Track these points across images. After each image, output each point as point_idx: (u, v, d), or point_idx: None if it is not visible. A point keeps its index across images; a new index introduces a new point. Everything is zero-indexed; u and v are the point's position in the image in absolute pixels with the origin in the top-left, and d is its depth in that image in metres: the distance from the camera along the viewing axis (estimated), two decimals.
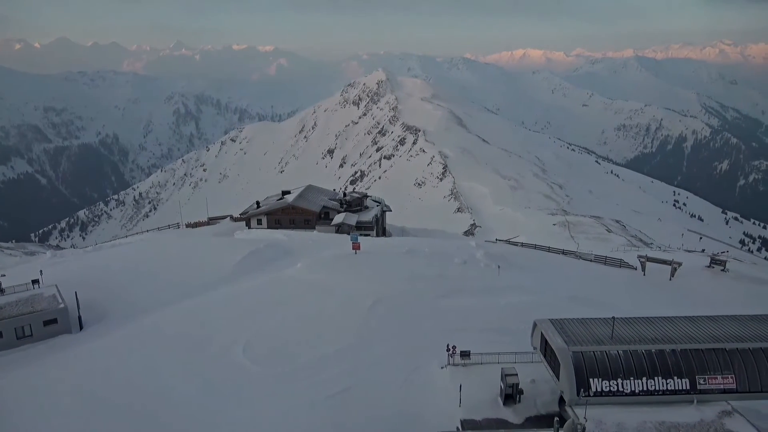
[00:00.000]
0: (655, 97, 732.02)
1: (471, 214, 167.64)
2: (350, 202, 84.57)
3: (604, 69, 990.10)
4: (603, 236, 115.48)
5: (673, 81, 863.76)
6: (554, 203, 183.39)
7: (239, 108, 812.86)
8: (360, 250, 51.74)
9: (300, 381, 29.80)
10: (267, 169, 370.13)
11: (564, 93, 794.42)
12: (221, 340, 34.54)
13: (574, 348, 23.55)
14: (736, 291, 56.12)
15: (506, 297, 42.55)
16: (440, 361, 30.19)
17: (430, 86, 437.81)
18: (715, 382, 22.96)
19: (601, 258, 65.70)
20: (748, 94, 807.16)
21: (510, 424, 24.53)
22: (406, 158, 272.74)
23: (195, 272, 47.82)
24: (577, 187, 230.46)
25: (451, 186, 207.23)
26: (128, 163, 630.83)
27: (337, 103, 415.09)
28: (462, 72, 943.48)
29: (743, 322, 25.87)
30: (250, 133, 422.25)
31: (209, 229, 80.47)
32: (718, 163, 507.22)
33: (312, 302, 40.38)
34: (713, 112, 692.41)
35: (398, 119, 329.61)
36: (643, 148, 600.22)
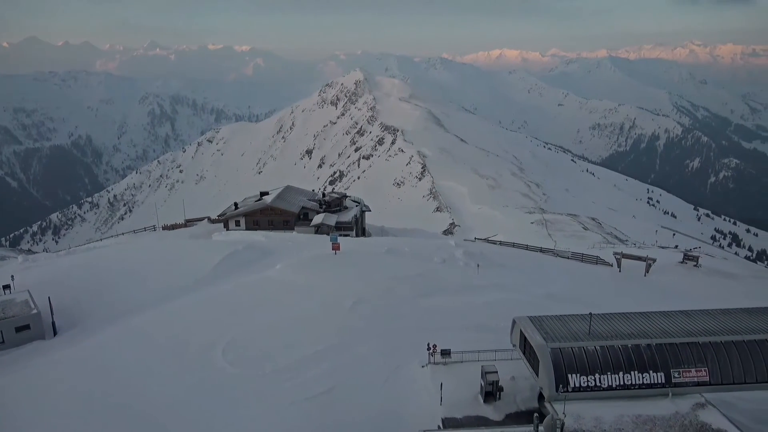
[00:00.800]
0: (628, 97, 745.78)
1: (450, 213, 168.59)
2: (329, 203, 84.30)
3: (578, 69, 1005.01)
4: (579, 234, 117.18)
5: (645, 81, 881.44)
6: (532, 202, 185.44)
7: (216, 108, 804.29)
8: (340, 250, 51.62)
9: (280, 383, 29.61)
10: (245, 170, 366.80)
11: (540, 93, 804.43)
12: (199, 343, 34.13)
13: (552, 344, 23.85)
14: (709, 286, 57.49)
15: (485, 295, 42.89)
16: (421, 360, 30.29)
17: (408, 86, 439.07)
18: (689, 376, 23.47)
19: (578, 255, 66.68)
20: (718, 94, 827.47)
21: (490, 421, 24.73)
22: (385, 158, 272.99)
23: (172, 275, 47.16)
24: (554, 186, 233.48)
25: (430, 185, 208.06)
26: (102, 165, 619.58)
27: (315, 103, 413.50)
28: (439, 72, 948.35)
29: (715, 316, 26.50)
30: (227, 133, 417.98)
31: (186, 231, 79.44)
32: (689, 161, 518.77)
33: (292, 303, 40.16)
34: (684, 111, 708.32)
35: (376, 119, 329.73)
36: (617, 146, 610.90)
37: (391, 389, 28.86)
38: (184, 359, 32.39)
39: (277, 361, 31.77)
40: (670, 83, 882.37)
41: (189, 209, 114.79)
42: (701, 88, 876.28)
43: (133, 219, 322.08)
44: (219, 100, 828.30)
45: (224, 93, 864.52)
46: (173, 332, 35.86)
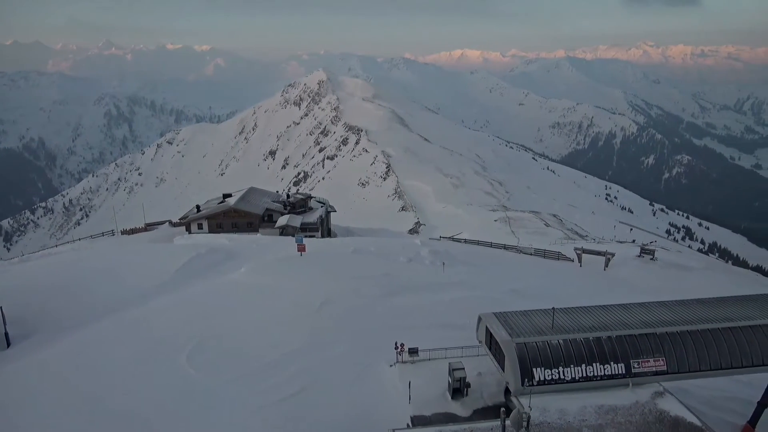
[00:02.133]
0: (586, 96, 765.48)
1: (415, 212, 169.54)
2: (294, 204, 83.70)
3: (538, 69, 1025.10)
4: (541, 230, 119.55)
5: (602, 80, 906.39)
6: (495, 200, 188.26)
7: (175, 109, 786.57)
8: (305, 251, 51.31)
9: (248, 387, 29.22)
10: (207, 171, 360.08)
11: (501, 92, 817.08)
12: (163, 350, 33.34)
13: (517, 339, 24.27)
14: (664, 278, 59.62)
15: (451, 293, 43.35)
16: (389, 359, 30.40)
17: (372, 86, 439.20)
18: (647, 365, 24.25)
19: (541, 251, 68.13)
20: (669, 93, 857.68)
21: (458, 417, 25.01)
22: (349, 158, 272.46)
23: (133, 281, 45.91)
24: (516, 184, 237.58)
25: (395, 185, 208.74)
26: (56, 169, 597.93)
27: (278, 103, 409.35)
28: (402, 72, 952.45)
29: (671, 307, 27.46)
30: (188, 134, 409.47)
31: (147, 236, 77.44)
32: (644, 158, 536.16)
33: (258, 306, 39.68)
34: (639, 109, 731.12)
35: (340, 119, 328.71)
36: (576, 144, 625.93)
37: (360, 389, 28.86)
38: (146, 367, 31.59)
39: (245, 365, 31.35)
40: (625, 83, 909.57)
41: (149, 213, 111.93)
42: (654, 87, 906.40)
43: (90, 224, 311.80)
44: (179, 101, 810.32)
45: (184, 93, 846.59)
46: (135, 340, 34.93)
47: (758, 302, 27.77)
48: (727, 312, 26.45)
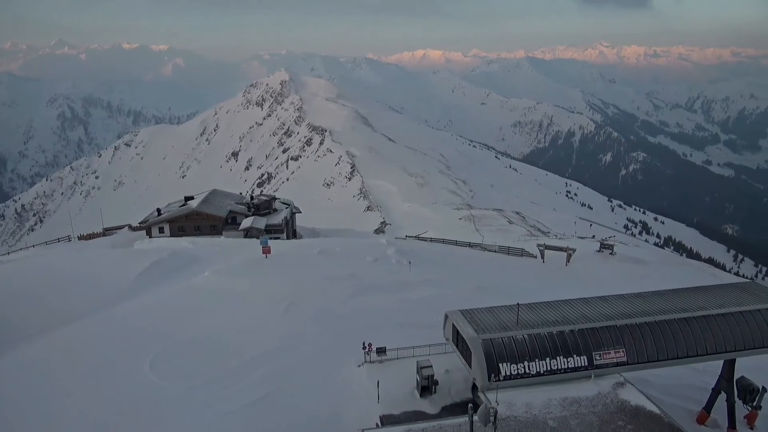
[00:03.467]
0: (545, 95, 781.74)
1: (380, 212, 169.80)
2: (258, 206, 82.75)
3: (499, 69, 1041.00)
4: (505, 227, 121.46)
5: (560, 80, 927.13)
6: (459, 198, 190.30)
7: (133, 110, 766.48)
8: (270, 253, 50.81)
9: (214, 393, 28.72)
10: (167, 174, 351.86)
11: (463, 92, 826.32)
12: (125, 358, 32.42)
13: (483, 336, 24.58)
14: (623, 272, 61.48)
15: (418, 292, 43.62)
16: (357, 359, 30.35)
17: (335, 86, 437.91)
18: (608, 357, 24.93)
19: (505, 248, 69.24)
20: (625, 92, 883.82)
21: (427, 414, 25.17)
22: (314, 159, 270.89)
23: (91, 288, 44.46)
24: (480, 182, 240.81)
25: (360, 185, 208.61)
26: (7, 173, 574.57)
27: (240, 104, 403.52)
28: (365, 72, 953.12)
29: (630, 300, 28.28)
30: (147, 136, 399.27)
31: (105, 241, 75.15)
32: (602, 155, 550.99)
33: (223, 310, 39.04)
34: (596, 108, 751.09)
35: (304, 120, 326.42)
36: (537, 143, 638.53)
37: (328, 391, 28.74)
38: (107, 376, 30.66)
39: (211, 371, 30.79)
40: (583, 82, 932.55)
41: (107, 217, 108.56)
42: (610, 86, 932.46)
43: (44, 230, 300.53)
44: (136, 102, 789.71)
45: (142, 94, 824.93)
46: (94, 349, 33.86)
47: (711, 293, 28.90)
48: (683, 303, 27.42)
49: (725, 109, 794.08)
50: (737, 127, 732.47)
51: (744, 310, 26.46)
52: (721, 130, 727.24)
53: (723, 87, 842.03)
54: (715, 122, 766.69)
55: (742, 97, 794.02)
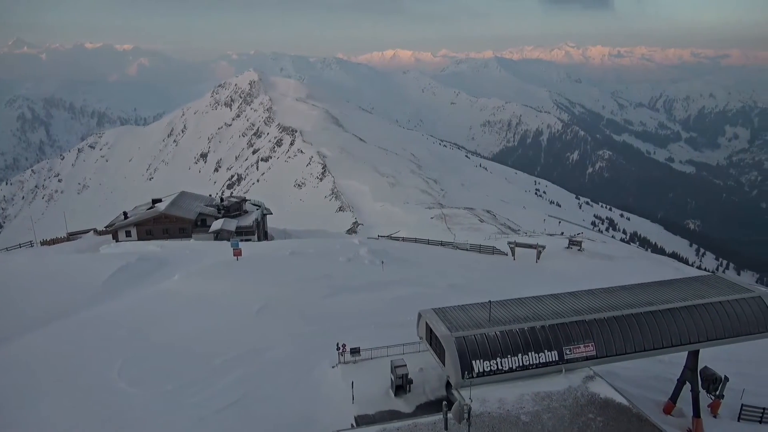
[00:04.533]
0: (513, 95, 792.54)
1: (353, 212, 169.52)
2: (228, 207, 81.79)
3: (468, 69, 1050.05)
4: (476, 226, 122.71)
5: (528, 79, 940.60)
6: (431, 197, 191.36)
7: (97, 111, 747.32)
8: (242, 256, 50.25)
9: (186, 398, 28.25)
10: (134, 176, 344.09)
11: (433, 92, 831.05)
12: (93, 365, 31.62)
13: (456, 334, 24.81)
14: (591, 267, 62.84)
15: (391, 291, 43.74)
16: (331, 360, 30.27)
17: (305, 86, 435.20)
18: (578, 351, 25.45)
19: (476, 246, 69.97)
20: (590, 91, 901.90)
21: (402, 413, 25.27)
22: (284, 159, 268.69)
23: (56, 295, 43.20)
24: (451, 181, 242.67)
25: (332, 185, 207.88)
26: None
27: (208, 104, 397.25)
28: (335, 72, 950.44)
29: (598, 295, 28.93)
30: (112, 138, 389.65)
31: (70, 246, 73.09)
32: (570, 154, 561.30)
33: (193, 314, 38.45)
34: (563, 107, 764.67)
35: (274, 120, 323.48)
36: (506, 142, 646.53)
37: (302, 393, 28.59)
38: (74, 384, 29.85)
39: (182, 376, 30.28)
40: (550, 82, 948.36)
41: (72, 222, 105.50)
42: (576, 86, 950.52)
43: (5, 235, 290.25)
44: (100, 103, 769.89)
45: (106, 95, 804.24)
46: (60, 356, 32.92)
47: (675, 286, 29.78)
48: (649, 297, 28.18)
49: (686, 108, 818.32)
50: (697, 126, 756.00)
51: (706, 303, 27.36)
52: (682, 129, 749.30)
53: (684, 86, 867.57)
54: (677, 121, 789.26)
55: (701, 96, 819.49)
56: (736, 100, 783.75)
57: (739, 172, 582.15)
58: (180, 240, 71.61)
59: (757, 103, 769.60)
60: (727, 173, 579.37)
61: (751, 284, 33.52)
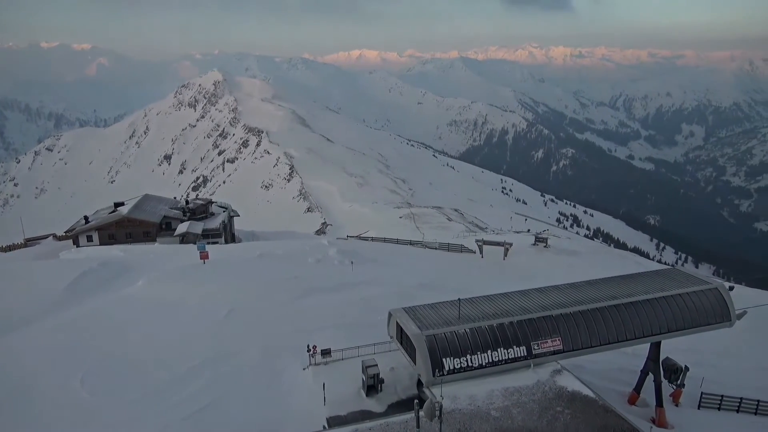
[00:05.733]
0: (479, 95, 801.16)
1: (321, 212, 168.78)
2: (194, 210, 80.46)
3: (434, 69, 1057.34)
4: (444, 225, 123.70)
5: (493, 79, 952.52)
6: (399, 197, 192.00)
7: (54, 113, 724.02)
8: (208, 259, 49.42)
9: (151, 406, 27.59)
10: (94, 179, 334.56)
11: (400, 92, 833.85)
12: (54, 376, 30.54)
13: (427, 332, 24.96)
14: (557, 263, 64.09)
15: (361, 291, 43.69)
16: (302, 362, 30.07)
17: (271, 86, 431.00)
18: (546, 346, 25.93)
19: (445, 245, 70.55)
20: (553, 91, 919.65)
21: (374, 413, 25.28)
22: (251, 161, 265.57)
23: (14, 303, 41.55)
24: (419, 181, 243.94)
25: (299, 186, 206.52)
26: None
27: (171, 105, 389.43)
28: (301, 72, 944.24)
29: (564, 290, 29.53)
30: (71, 140, 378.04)
31: (28, 252, 70.63)
32: (534, 152, 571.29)
33: (159, 320, 37.59)
34: (528, 107, 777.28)
35: (239, 121, 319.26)
36: (473, 141, 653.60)
37: (273, 396, 28.30)
38: (34, 396, 28.78)
39: (147, 383, 29.57)
40: (514, 82, 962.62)
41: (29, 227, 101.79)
42: (540, 86, 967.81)
43: None
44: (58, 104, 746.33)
45: (64, 96, 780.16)
46: (20, 367, 31.69)
47: (638, 280, 30.65)
48: (612, 291, 28.92)
49: (644, 106, 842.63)
50: (656, 124, 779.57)
51: (667, 296, 28.24)
52: (641, 127, 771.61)
53: (642, 86, 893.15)
54: (636, 119, 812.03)
55: (659, 95, 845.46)
56: (691, 99, 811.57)
57: (695, 169, 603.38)
58: (144, 244, 70.08)
59: (711, 101, 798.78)
60: (684, 170, 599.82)
61: (709, 276, 34.78)
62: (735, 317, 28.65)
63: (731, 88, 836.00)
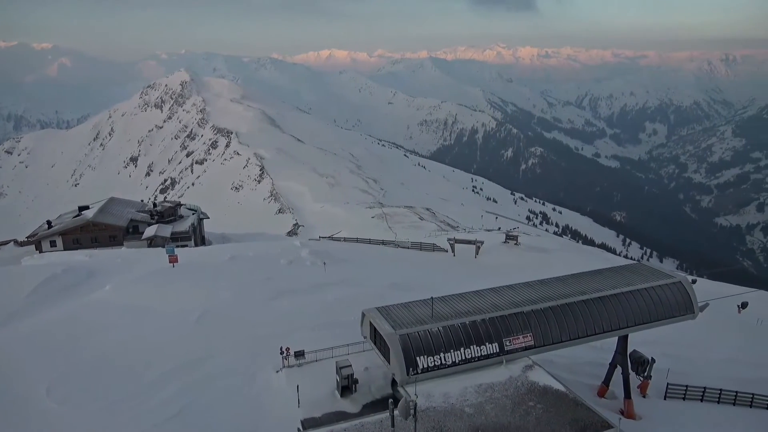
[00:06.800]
0: (448, 94, 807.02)
1: (293, 213, 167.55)
2: (162, 213, 79.02)
3: (404, 69, 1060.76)
4: (416, 224, 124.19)
5: (462, 79, 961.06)
6: (371, 197, 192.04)
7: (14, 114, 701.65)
8: (178, 262, 48.59)
9: (122, 414, 26.99)
10: (57, 183, 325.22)
11: (370, 92, 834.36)
12: (18, 385, 29.57)
13: (400, 331, 25.07)
14: (528, 260, 65.08)
15: (334, 292, 43.57)
16: (275, 365, 29.84)
17: (239, 87, 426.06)
18: (517, 342, 26.34)
19: (417, 244, 70.88)
20: (521, 91, 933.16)
21: (349, 414, 25.28)
22: (220, 162, 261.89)
23: None
24: (390, 180, 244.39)
25: (270, 187, 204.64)
26: None
27: (137, 106, 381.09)
28: (270, 72, 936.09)
29: (534, 287, 30.05)
30: (31, 142, 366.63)
31: None
32: (504, 151, 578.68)
33: (128, 326, 36.77)
34: (497, 106, 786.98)
35: (208, 122, 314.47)
36: (443, 140, 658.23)
37: (246, 400, 28.02)
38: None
39: (118, 391, 28.91)
40: (483, 81, 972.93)
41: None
42: (508, 86, 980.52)
43: None
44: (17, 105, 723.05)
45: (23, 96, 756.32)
46: None
47: (605, 275, 31.38)
48: (581, 286, 29.55)
49: (609, 105, 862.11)
50: (620, 122, 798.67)
51: (633, 290, 29.00)
52: (607, 125, 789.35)
53: (607, 85, 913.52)
54: (602, 118, 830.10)
55: (623, 94, 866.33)
56: (654, 98, 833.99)
57: (658, 166, 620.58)
58: (111, 249, 68.57)
59: (673, 100, 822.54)
60: (648, 167, 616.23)
61: (673, 270, 35.86)
62: (698, 309, 29.61)
63: (691, 88, 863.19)
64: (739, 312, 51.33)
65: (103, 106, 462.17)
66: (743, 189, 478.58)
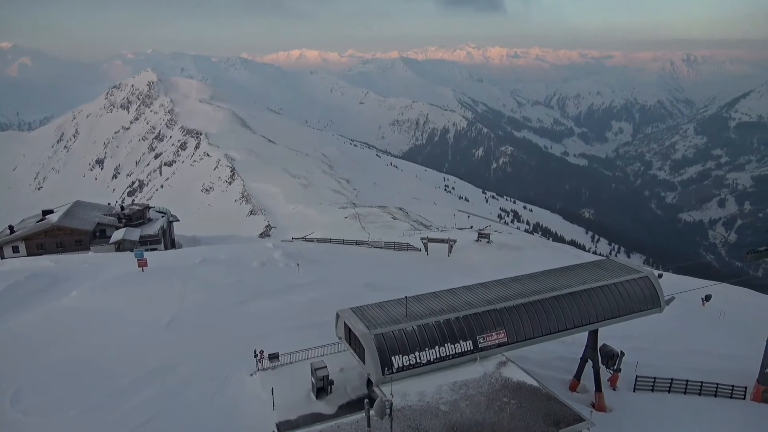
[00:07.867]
0: (420, 94, 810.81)
1: (265, 215, 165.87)
2: (130, 216, 77.38)
3: (375, 69, 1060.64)
4: (390, 224, 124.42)
5: (433, 79, 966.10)
6: (344, 197, 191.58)
7: None
8: (147, 266, 47.70)
9: (91, 423, 26.34)
10: (19, 186, 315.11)
11: (342, 92, 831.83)
12: None
13: (375, 331, 25.10)
14: (500, 258, 65.90)
15: (308, 293, 43.38)
16: (249, 368, 29.53)
17: (209, 87, 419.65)
18: (491, 339, 26.65)
19: (390, 244, 71.07)
20: (491, 90, 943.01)
21: (324, 416, 25.20)
22: (190, 163, 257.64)
23: None
24: (363, 180, 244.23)
25: (241, 189, 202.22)
26: None
27: (102, 107, 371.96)
28: (240, 72, 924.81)
29: (507, 284, 30.45)
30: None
31: None
32: (475, 150, 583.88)
33: (96, 332, 35.92)
34: (467, 106, 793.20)
35: (176, 123, 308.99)
36: (415, 140, 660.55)
37: (220, 404, 27.66)
38: None
39: (86, 400, 28.19)
40: (453, 81, 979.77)
41: None
42: (478, 85, 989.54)
43: None
44: None
45: None
46: None
47: (575, 271, 32.01)
48: (552, 283, 30.07)
49: (577, 105, 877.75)
50: (588, 121, 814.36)
51: (602, 285, 29.65)
52: (575, 124, 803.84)
53: (574, 85, 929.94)
54: (570, 117, 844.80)
55: (590, 93, 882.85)
56: (620, 98, 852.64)
57: (624, 164, 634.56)
58: (77, 253, 66.80)
59: (638, 99, 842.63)
60: (614, 165, 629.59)
61: (640, 266, 36.79)
62: (664, 303, 30.44)
63: (655, 87, 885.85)
64: (703, 305, 53.02)
65: (67, 108, 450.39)
66: (705, 185, 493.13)
